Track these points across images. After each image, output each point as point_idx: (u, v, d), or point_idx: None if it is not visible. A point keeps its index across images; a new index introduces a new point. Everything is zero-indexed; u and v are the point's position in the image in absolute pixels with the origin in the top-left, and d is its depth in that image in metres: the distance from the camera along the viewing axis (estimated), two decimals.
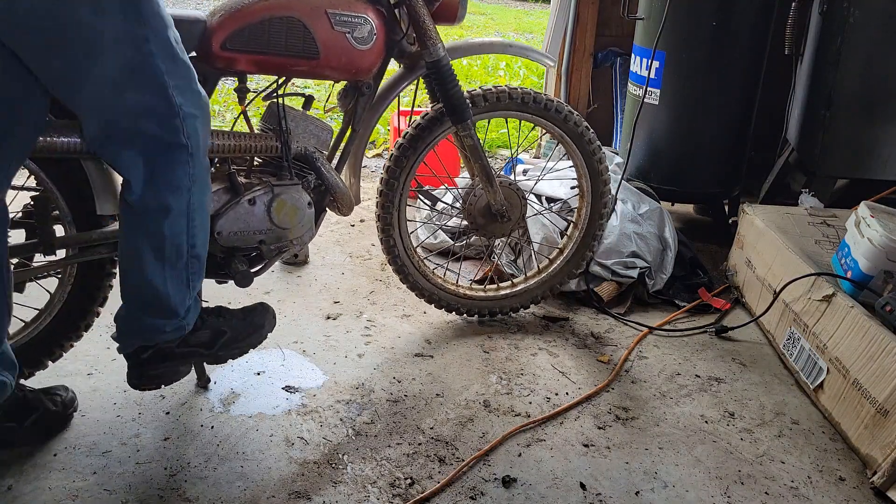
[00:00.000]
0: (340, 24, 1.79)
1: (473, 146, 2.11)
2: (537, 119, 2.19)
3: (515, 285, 2.40)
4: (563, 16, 3.78)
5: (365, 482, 1.66)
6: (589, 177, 2.31)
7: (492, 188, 2.18)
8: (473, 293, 2.37)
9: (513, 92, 2.14)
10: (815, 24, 2.91)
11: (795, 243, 2.33)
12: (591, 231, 2.37)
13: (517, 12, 12.46)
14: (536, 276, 2.41)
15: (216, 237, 1.79)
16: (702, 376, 2.15)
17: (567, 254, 2.40)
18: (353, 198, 2.09)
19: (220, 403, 1.90)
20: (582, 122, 2.24)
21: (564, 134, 2.23)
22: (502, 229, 2.28)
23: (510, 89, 2.14)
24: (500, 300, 2.38)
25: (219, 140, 1.75)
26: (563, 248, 2.42)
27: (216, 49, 1.70)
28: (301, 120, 1.88)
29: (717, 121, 2.96)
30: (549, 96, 2.18)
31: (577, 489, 1.68)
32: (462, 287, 2.37)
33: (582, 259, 2.40)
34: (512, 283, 2.41)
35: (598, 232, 2.38)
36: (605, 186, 2.33)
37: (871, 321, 1.85)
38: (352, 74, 1.89)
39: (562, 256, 2.41)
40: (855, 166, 2.85)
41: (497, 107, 2.14)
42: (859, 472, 1.78)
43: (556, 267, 2.40)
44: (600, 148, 2.30)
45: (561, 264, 2.40)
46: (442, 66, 1.99)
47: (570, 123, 2.21)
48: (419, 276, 2.27)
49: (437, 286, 2.31)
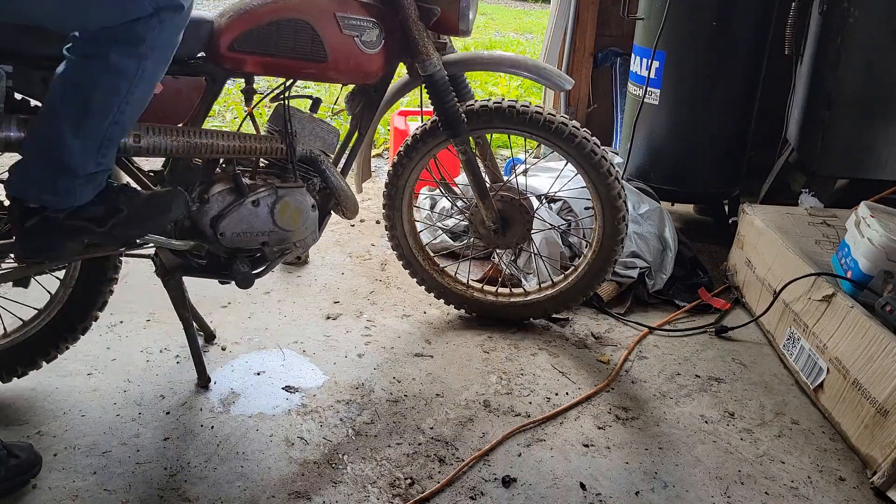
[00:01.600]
0: (349, 28, 1.78)
1: (468, 161, 2.08)
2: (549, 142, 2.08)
3: (528, 294, 2.34)
4: (563, 16, 3.78)
5: (365, 482, 1.66)
6: (600, 203, 2.15)
7: (484, 203, 2.16)
8: (482, 296, 2.37)
9: (526, 110, 2.03)
10: (815, 25, 2.91)
11: (795, 243, 2.33)
12: (603, 255, 2.21)
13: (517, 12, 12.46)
14: (546, 290, 2.32)
15: (219, 237, 1.79)
16: (702, 376, 2.15)
17: (580, 271, 2.26)
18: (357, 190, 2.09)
19: (220, 403, 1.90)
20: (598, 151, 2.08)
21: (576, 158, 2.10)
22: (505, 242, 2.25)
23: (523, 107, 2.05)
24: (506, 307, 2.36)
25: (224, 140, 1.75)
26: (577, 266, 2.29)
27: (224, 50, 1.70)
28: (307, 122, 1.87)
29: (717, 121, 2.96)
30: (564, 120, 2.05)
31: (577, 489, 1.68)
32: (472, 288, 2.37)
33: (597, 283, 2.26)
34: (525, 292, 2.35)
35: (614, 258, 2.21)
36: (620, 213, 2.15)
37: (871, 321, 1.85)
38: (359, 78, 1.89)
39: (575, 274, 2.28)
40: (855, 166, 2.85)
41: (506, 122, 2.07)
42: (859, 472, 1.78)
43: (567, 283, 2.29)
44: (618, 180, 2.12)
45: (573, 281, 2.28)
46: (435, 80, 1.96)
47: (586, 151, 2.07)
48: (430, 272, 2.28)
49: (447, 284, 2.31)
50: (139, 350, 2.09)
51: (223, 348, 2.14)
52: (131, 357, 2.06)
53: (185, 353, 2.07)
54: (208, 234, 1.79)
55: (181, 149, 1.69)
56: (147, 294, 2.35)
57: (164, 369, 2.01)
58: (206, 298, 2.35)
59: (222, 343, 2.16)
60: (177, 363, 2.05)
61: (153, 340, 2.14)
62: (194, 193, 1.78)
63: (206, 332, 2.16)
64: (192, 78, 1.73)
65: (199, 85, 1.75)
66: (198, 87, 1.75)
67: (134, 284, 2.41)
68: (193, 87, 1.74)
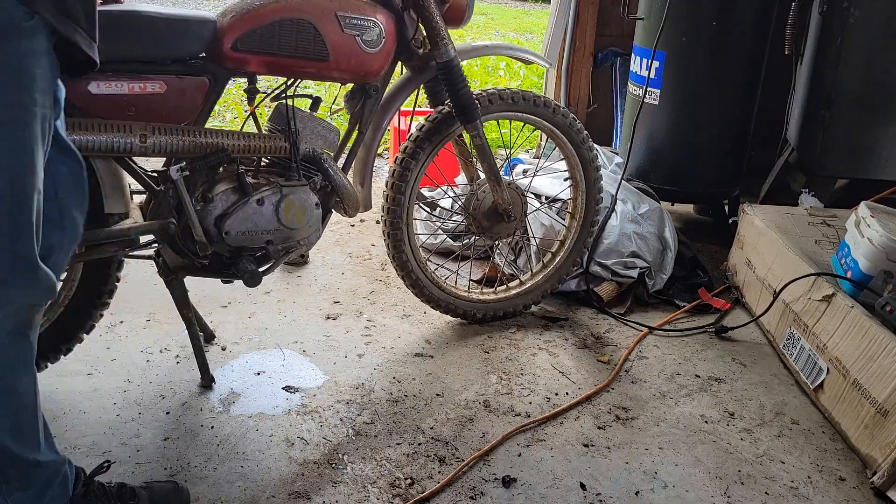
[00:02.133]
0: (350, 27, 1.80)
1: (482, 146, 2.12)
2: (528, 117, 2.22)
3: (524, 283, 2.41)
4: (563, 16, 3.78)
5: (365, 482, 1.66)
6: (581, 167, 2.35)
7: (499, 187, 2.20)
8: (486, 297, 2.37)
9: (502, 93, 2.17)
10: (815, 24, 2.91)
11: (795, 243, 2.33)
12: (589, 219, 2.43)
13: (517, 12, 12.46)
14: (542, 271, 2.43)
15: (224, 236, 1.79)
16: (702, 376, 2.15)
17: (569, 245, 2.43)
18: (363, 203, 2.10)
19: (220, 403, 1.90)
20: (569, 114, 2.28)
21: (554, 128, 2.26)
22: (507, 229, 2.30)
23: (499, 91, 2.17)
24: (512, 300, 2.39)
25: (229, 140, 1.76)
26: (564, 239, 2.45)
27: (227, 50, 1.71)
28: (309, 121, 1.89)
29: (717, 121, 2.96)
30: (537, 94, 2.22)
31: (577, 489, 1.68)
32: (475, 293, 2.38)
33: (584, 247, 2.46)
34: (520, 282, 2.42)
35: (595, 218, 2.44)
36: (597, 173, 2.39)
37: (871, 321, 1.85)
38: (360, 77, 1.90)
39: (564, 248, 2.44)
40: (855, 166, 2.85)
41: (489, 109, 2.15)
42: (859, 472, 1.78)
43: (560, 259, 2.44)
44: (589, 137, 2.34)
45: (564, 256, 2.44)
46: (453, 66, 2.00)
47: (559, 116, 2.25)
48: (433, 286, 2.28)
49: (451, 295, 2.31)
50: (139, 350, 2.09)
51: (223, 348, 2.14)
52: (131, 357, 2.06)
53: (184, 353, 2.07)
54: (213, 233, 1.80)
55: (187, 148, 1.69)
56: (147, 294, 2.35)
57: (164, 369, 2.01)
58: (206, 298, 2.36)
59: (222, 343, 2.16)
60: (177, 363, 2.05)
61: (153, 340, 2.14)
62: (197, 193, 1.79)
63: (207, 332, 2.16)
64: (195, 78, 1.74)
65: (202, 85, 1.75)
66: (201, 86, 1.75)
67: (134, 284, 2.41)
68: (197, 87, 1.74)
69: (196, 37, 1.68)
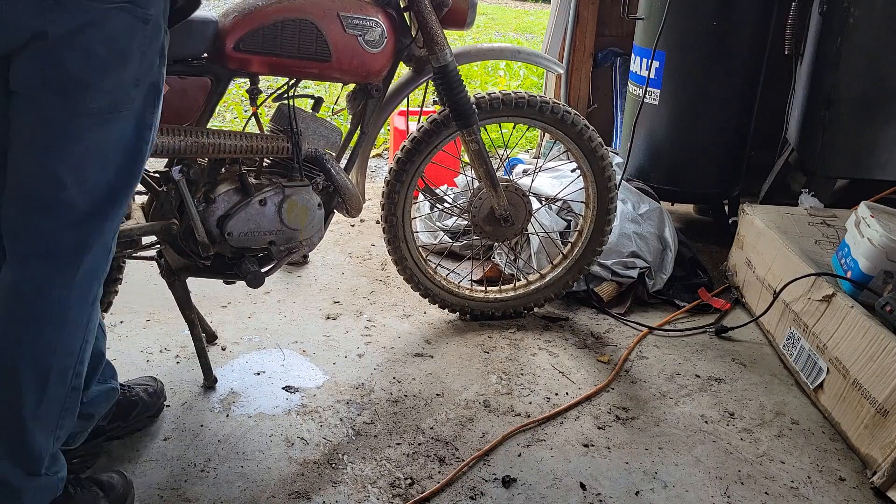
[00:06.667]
0: (352, 27, 1.80)
1: (478, 151, 2.11)
2: (550, 128, 2.20)
3: (544, 276, 2.40)
4: (563, 16, 3.78)
5: (365, 482, 1.66)
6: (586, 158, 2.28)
7: (496, 192, 2.19)
8: (503, 295, 2.37)
9: (531, 100, 2.14)
10: (815, 24, 2.91)
11: (795, 243, 2.33)
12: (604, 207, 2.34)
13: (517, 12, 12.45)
14: (562, 262, 2.40)
15: (227, 237, 1.79)
16: (702, 376, 2.16)
17: (586, 234, 2.37)
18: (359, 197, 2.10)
19: (220, 403, 1.90)
20: (596, 136, 2.23)
21: (579, 148, 2.23)
22: (507, 233, 2.28)
23: (529, 97, 2.14)
24: (531, 295, 2.39)
25: (232, 140, 1.76)
26: (582, 229, 2.40)
27: (229, 50, 1.71)
28: (311, 121, 1.88)
29: (717, 121, 2.95)
30: (567, 107, 2.19)
31: (577, 489, 1.68)
32: (475, 290, 2.38)
33: (602, 235, 2.37)
34: (541, 276, 2.41)
35: (610, 206, 2.34)
36: (604, 162, 2.29)
37: (871, 321, 1.85)
38: (362, 77, 1.90)
39: (581, 238, 2.38)
40: (855, 166, 2.85)
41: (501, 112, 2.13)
42: (859, 472, 1.78)
43: (578, 250, 2.38)
44: (611, 166, 2.29)
45: (583, 246, 2.38)
46: (448, 71, 1.99)
47: (585, 138, 2.21)
48: (428, 281, 2.28)
49: (447, 290, 2.31)
50: (139, 350, 2.09)
51: (223, 348, 2.14)
52: (131, 357, 2.06)
53: (184, 353, 2.07)
54: (215, 233, 1.80)
55: (189, 149, 1.69)
56: (147, 294, 2.35)
57: (164, 369, 2.01)
58: (206, 298, 2.35)
59: (222, 343, 2.16)
60: (177, 363, 2.05)
61: (153, 340, 2.14)
62: (199, 193, 1.79)
63: (207, 333, 2.16)
64: (197, 78, 1.74)
65: (204, 85, 1.75)
66: (203, 87, 1.75)
67: (134, 284, 2.41)
68: (199, 87, 1.74)
69: (198, 37, 1.68)
